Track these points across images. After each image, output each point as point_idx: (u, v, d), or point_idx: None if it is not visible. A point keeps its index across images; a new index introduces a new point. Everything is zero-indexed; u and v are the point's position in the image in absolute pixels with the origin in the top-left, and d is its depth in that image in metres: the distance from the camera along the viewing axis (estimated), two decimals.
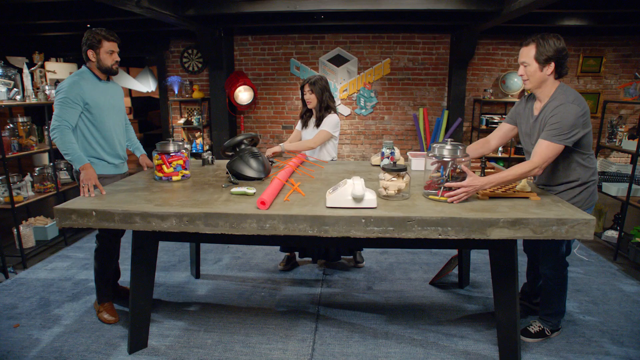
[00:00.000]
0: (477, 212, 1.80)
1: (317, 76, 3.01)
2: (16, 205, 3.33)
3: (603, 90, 5.90)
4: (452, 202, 1.96)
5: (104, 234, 2.52)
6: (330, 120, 2.98)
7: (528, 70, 2.07)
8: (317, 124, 3.04)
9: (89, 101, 2.40)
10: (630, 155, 3.96)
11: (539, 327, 2.38)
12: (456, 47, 5.70)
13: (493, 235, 1.76)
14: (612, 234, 3.82)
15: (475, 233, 1.76)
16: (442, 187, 2.00)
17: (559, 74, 2.07)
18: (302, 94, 3.03)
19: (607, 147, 3.82)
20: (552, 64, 2.02)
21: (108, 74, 2.52)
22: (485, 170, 2.35)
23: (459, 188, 1.94)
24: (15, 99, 3.37)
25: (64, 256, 3.60)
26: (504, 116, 5.93)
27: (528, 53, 2.04)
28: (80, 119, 2.42)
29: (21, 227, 3.59)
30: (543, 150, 2.00)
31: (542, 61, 2.02)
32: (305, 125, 3.14)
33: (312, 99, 2.99)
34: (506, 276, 2.03)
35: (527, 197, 2.04)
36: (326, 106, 3.00)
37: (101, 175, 2.46)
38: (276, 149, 2.99)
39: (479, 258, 3.44)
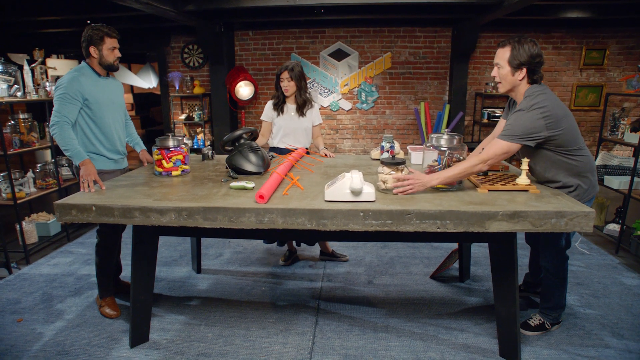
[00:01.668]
0: (476, 205, 1.80)
1: (293, 62, 3.01)
2: (18, 202, 3.35)
3: (606, 83, 5.86)
4: (396, 193, 1.97)
5: (105, 229, 2.53)
6: (318, 111, 3.18)
7: (500, 73, 2.05)
8: (300, 112, 3.05)
9: (88, 97, 2.40)
10: (632, 148, 3.93)
11: (539, 320, 2.38)
12: (457, 41, 5.67)
13: (492, 228, 1.76)
14: (613, 227, 3.80)
15: (474, 226, 1.76)
16: None
17: (531, 79, 2.04)
18: (279, 82, 3.01)
19: (609, 140, 3.80)
20: (524, 70, 2.00)
21: (109, 70, 2.53)
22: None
23: (406, 181, 1.96)
24: (16, 96, 3.38)
25: (66, 252, 3.63)
26: None
27: (503, 55, 2.02)
28: (79, 115, 2.43)
29: (24, 223, 3.62)
30: (492, 147, 2.01)
31: (515, 65, 1.99)
32: (281, 112, 3.07)
33: (290, 86, 2.98)
34: (506, 269, 2.03)
35: (526, 190, 2.03)
36: (305, 93, 3.05)
37: (101, 170, 2.47)
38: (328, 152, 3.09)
39: (480, 252, 3.44)
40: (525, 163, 2.09)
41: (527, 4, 4.02)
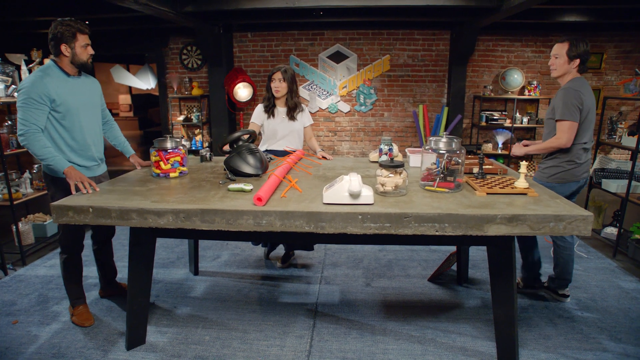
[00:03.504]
0: (475, 209, 1.80)
1: (286, 65, 3.05)
2: (15, 203, 3.33)
3: (604, 86, 5.88)
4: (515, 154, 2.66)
5: (66, 231, 2.38)
6: (308, 113, 3.20)
7: (557, 62, 2.55)
8: (290, 115, 3.06)
9: (55, 98, 2.21)
10: (630, 152, 3.94)
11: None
12: (456, 44, 5.68)
13: (490, 231, 1.76)
14: (611, 230, 3.81)
15: (472, 229, 1.76)
16: (438, 178, 2.04)
17: (580, 68, 2.54)
18: (270, 82, 3.01)
19: (607, 143, 3.81)
20: (578, 60, 2.51)
21: (82, 69, 2.35)
22: (484, 167, 2.35)
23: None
24: (13, 96, 3.37)
25: None
26: (504, 113, 5.92)
27: (562, 48, 2.52)
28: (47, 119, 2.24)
29: (20, 224, 3.60)
30: (558, 130, 2.49)
31: (572, 56, 2.50)
32: (271, 115, 3.06)
33: (282, 87, 2.98)
34: (504, 272, 2.02)
35: (524, 194, 2.03)
36: (296, 97, 3.06)
37: None
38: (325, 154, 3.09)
39: (478, 255, 3.44)
40: (523, 166, 2.09)
41: (526, 7, 4.03)
